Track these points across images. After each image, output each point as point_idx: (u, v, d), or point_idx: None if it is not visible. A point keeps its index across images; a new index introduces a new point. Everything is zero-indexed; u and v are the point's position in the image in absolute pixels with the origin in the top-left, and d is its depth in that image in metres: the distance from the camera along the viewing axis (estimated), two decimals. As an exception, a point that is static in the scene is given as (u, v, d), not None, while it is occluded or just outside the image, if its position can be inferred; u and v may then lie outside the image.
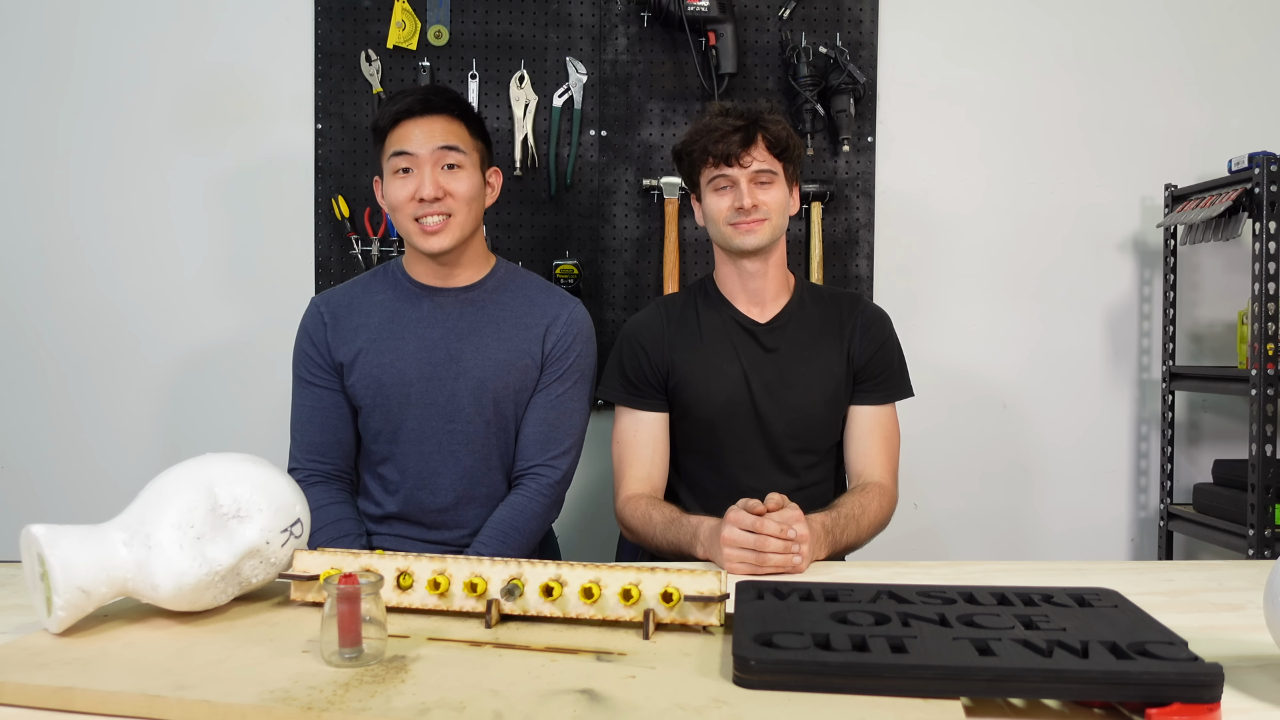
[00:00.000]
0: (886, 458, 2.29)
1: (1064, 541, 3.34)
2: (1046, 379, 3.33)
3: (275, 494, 1.42)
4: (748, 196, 2.19)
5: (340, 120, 3.12)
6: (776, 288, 2.34)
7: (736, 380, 2.28)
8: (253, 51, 3.12)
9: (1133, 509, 3.38)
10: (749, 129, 2.21)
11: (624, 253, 3.18)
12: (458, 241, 2.22)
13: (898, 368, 2.37)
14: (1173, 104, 3.34)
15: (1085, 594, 1.36)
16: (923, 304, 3.28)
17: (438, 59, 3.12)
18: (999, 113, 3.30)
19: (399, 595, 1.37)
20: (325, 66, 3.11)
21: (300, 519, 1.45)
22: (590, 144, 3.17)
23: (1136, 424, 3.36)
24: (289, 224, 3.15)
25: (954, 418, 3.31)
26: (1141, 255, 3.35)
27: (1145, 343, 3.35)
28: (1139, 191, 3.34)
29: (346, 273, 3.11)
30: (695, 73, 3.12)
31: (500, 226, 3.14)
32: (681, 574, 1.32)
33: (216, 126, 3.13)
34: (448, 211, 2.19)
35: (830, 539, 1.94)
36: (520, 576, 1.34)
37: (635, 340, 2.35)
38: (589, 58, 3.15)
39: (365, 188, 3.12)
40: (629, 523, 2.21)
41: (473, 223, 2.25)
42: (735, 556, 1.75)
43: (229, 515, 1.37)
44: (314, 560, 1.42)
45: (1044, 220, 3.32)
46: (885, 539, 2.24)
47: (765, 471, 2.30)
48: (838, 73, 3.10)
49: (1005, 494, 3.35)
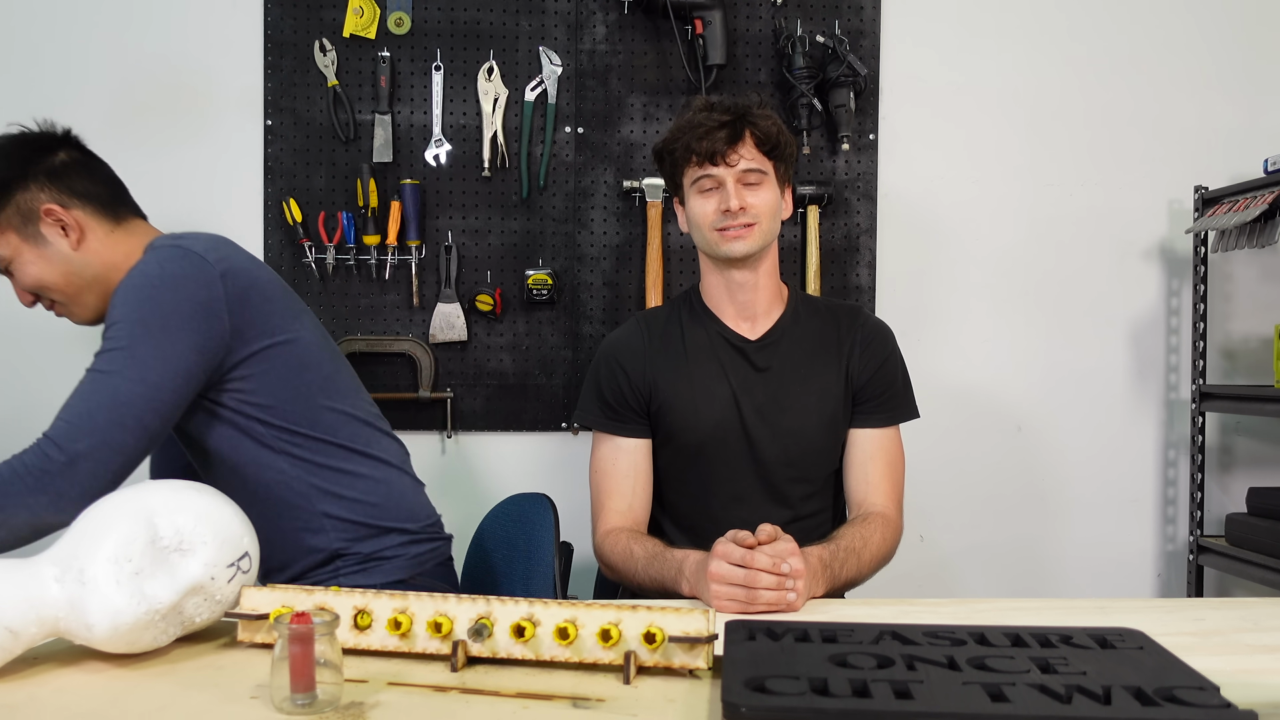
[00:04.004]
0: (890, 485, 2.30)
1: (1084, 577, 3.36)
2: (1065, 399, 3.36)
3: (221, 525, 1.43)
4: (735, 198, 2.19)
5: (292, 116, 3.13)
6: (768, 300, 2.35)
7: (725, 403, 2.29)
8: (195, 41, 3.14)
9: (1159, 541, 3.40)
10: (736, 124, 2.21)
11: (602, 261, 3.20)
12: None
13: (901, 387, 2.38)
14: (1204, 98, 3.37)
15: (1108, 634, 1.36)
16: (929, 317, 3.31)
17: (399, 49, 3.14)
18: (1014, 108, 3.33)
19: (356, 636, 1.38)
20: (275, 57, 3.13)
21: (249, 552, 1.46)
22: (565, 142, 3.19)
23: (1163, 448, 3.39)
24: (235, 230, 3.12)
25: (964, 442, 3.33)
26: (1169, 264, 3.38)
27: (1173, 360, 3.38)
28: (1166, 194, 3.37)
29: (298, 282, 3.12)
30: (680, 64, 3.15)
31: (467, 232, 3.16)
32: (666, 613, 1.33)
33: (155, 123, 3.14)
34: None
35: (828, 574, 1.94)
36: (489, 615, 1.35)
37: (614, 359, 2.35)
38: (564, 48, 3.18)
39: (319, 190, 3.13)
40: (608, 558, 2.21)
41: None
42: (724, 593, 1.76)
43: (170, 548, 1.38)
44: (263, 597, 1.43)
45: (1062, 226, 3.34)
46: (889, 574, 2.24)
47: (757, 502, 2.30)
48: (837, 64, 3.12)
49: (1020, 525, 3.37)
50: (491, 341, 3.20)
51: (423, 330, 3.18)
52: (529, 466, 3.23)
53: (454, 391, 3.20)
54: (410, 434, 3.16)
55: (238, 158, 3.15)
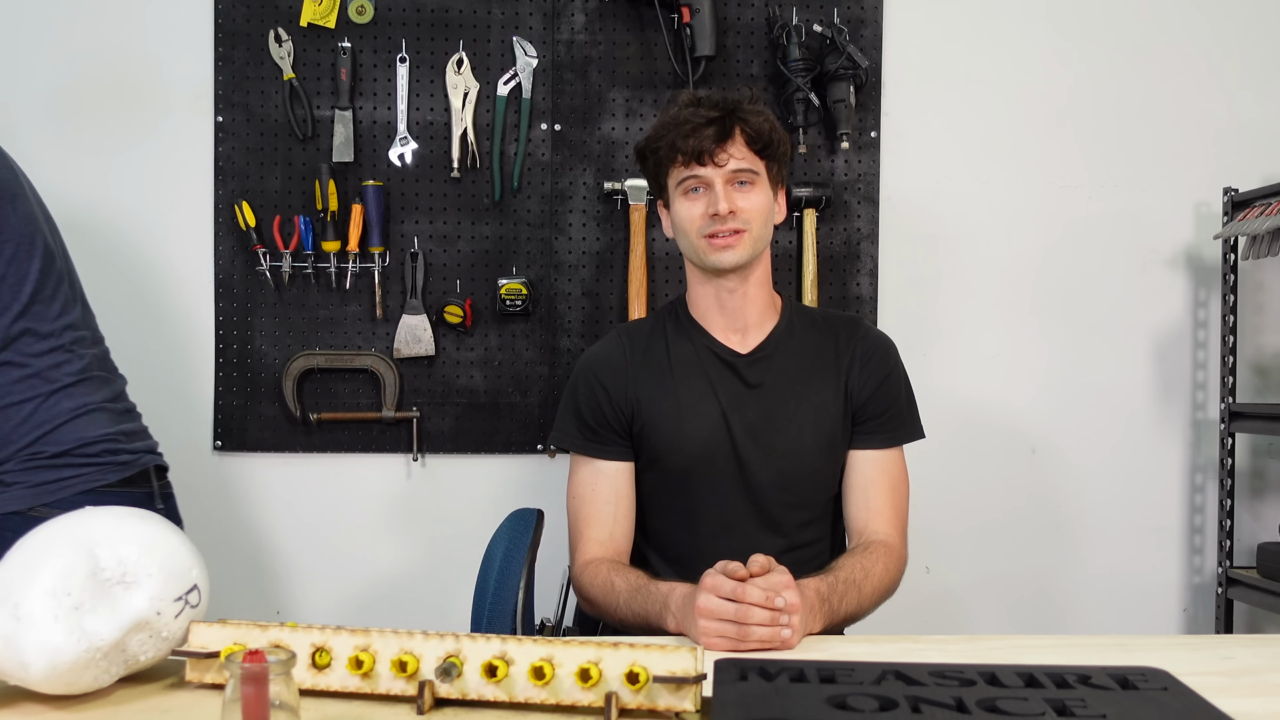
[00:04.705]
0: (893, 512, 2.30)
1: (1104, 612, 3.37)
2: (1083, 419, 3.37)
3: (168, 556, 1.43)
4: (724, 201, 2.19)
5: (244, 112, 3.14)
6: (760, 311, 2.35)
7: (714, 422, 2.29)
8: (138, 30, 3.15)
9: (1185, 573, 3.42)
10: (725, 121, 2.21)
11: (581, 270, 3.22)
12: None
13: (905, 405, 2.38)
14: (1234, 92, 3.39)
15: (1129, 674, 1.37)
16: (935, 329, 3.33)
17: (361, 39, 3.15)
18: (1028, 103, 3.35)
19: (315, 676, 1.39)
20: (227, 49, 3.14)
21: (198, 585, 1.46)
22: (541, 140, 3.21)
23: (1190, 472, 3.41)
24: (183, 236, 3.17)
25: (973, 465, 3.35)
26: (1196, 272, 3.39)
27: (1200, 376, 3.40)
28: (1193, 196, 3.39)
29: (251, 293, 3.13)
30: (666, 55, 3.17)
31: (435, 238, 3.17)
32: (650, 650, 1.33)
33: (93, 121, 3.15)
34: None
35: (826, 608, 1.94)
36: (458, 653, 1.36)
37: (593, 376, 2.35)
38: (540, 38, 3.19)
39: (274, 192, 3.14)
40: (587, 591, 2.21)
41: None
42: (713, 630, 1.76)
43: (113, 580, 1.38)
44: (213, 634, 1.43)
45: (1080, 230, 3.36)
46: (892, 608, 2.24)
47: (749, 530, 2.30)
48: (835, 55, 3.14)
49: (1034, 555, 3.38)
50: (461, 357, 3.21)
51: (386, 344, 3.18)
52: (502, 491, 3.23)
53: (420, 411, 3.20)
54: (373, 457, 3.18)
55: (185, 157, 3.16)
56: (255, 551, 3.24)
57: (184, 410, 3.19)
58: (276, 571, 3.25)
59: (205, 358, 3.19)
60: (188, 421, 3.19)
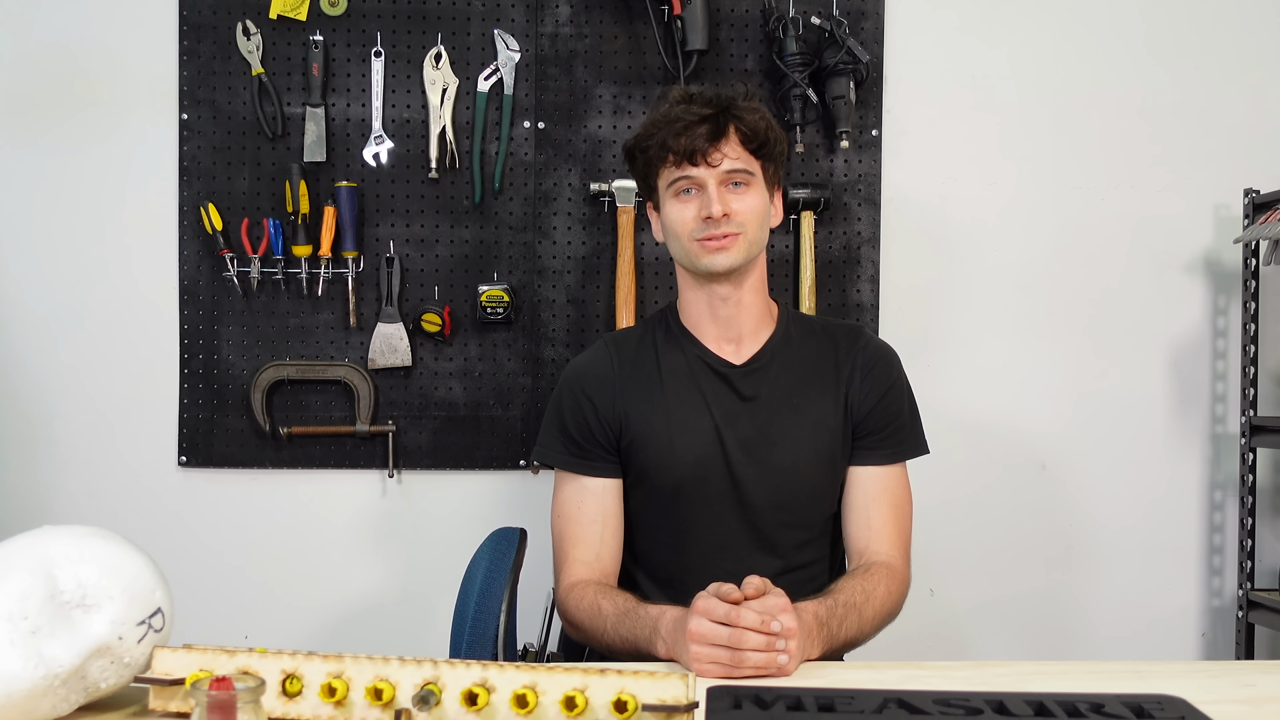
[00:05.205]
0: (895, 531, 2.30)
1: (1118, 636, 3.37)
2: (1095, 434, 3.38)
3: (130, 577, 1.43)
4: (717, 203, 2.19)
5: (211, 109, 3.15)
6: (755, 319, 2.36)
7: (706, 437, 2.30)
8: (98, 22, 3.15)
9: (1204, 596, 3.43)
10: (718, 118, 2.22)
11: (566, 275, 3.22)
12: None
13: (908, 419, 2.39)
14: (1256, 89, 3.39)
15: (1144, 703, 1.37)
16: (940, 339, 3.34)
17: (333, 32, 3.16)
18: (1038, 100, 3.36)
19: (285, 704, 1.39)
20: (192, 42, 3.14)
21: (161, 608, 1.46)
22: (524, 139, 3.21)
23: (1209, 489, 3.42)
24: (145, 240, 3.17)
25: (980, 482, 3.35)
26: (1215, 278, 3.40)
27: (1219, 388, 3.41)
28: (1212, 198, 3.39)
29: (218, 300, 3.13)
30: (656, 49, 3.18)
31: (411, 242, 3.18)
32: (639, 677, 1.34)
33: (51, 119, 3.14)
34: None
35: (825, 633, 1.94)
36: (437, 680, 1.36)
37: (579, 388, 2.36)
38: (522, 30, 3.20)
39: (242, 193, 3.14)
40: (573, 616, 2.21)
41: None
42: (706, 655, 1.76)
43: (72, 603, 1.38)
44: (178, 660, 1.43)
45: (1093, 234, 3.36)
46: (894, 633, 2.25)
47: (743, 551, 2.31)
48: (835, 49, 3.14)
49: (1044, 577, 3.39)
50: (439, 367, 3.21)
51: (361, 355, 3.18)
52: (483, 510, 3.24)
53: (397, 424, 3.21)
54: (346, 473, 3.18)
55: (149, 157, 3.16)
56: (222, 573, 3.23)
57: (147, 424, 3.19)
58: (245, 594, 3.24)
59: (169, 369, 3.18)
60: (151, 436, 3.19)
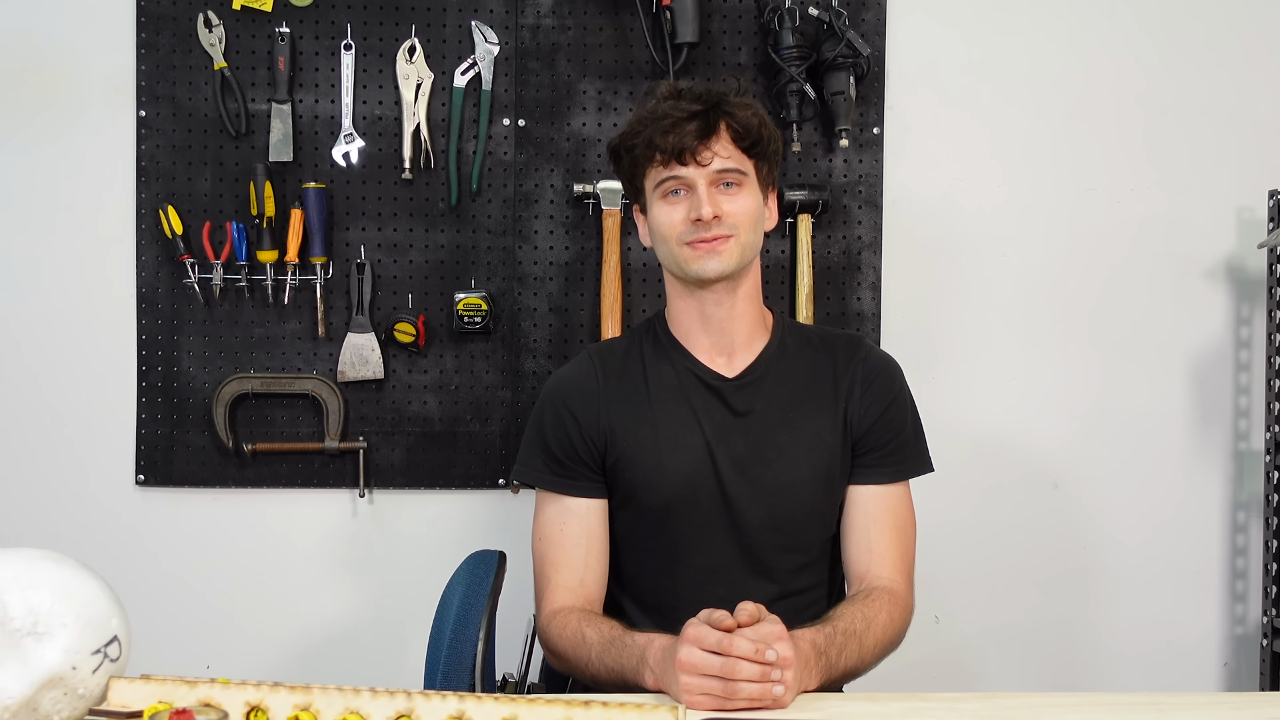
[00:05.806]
0: (898, 554, 2.31)
1: (1134, 666, 3.38)
2: (1111, 450, 3.39)
3: (85, 604, 1.44)
4: (707, 204, 2.19)
5: (171, 106, 3.15)
6: (749, 329, 2.37)
7: (697, 455, 2.31)
8: (49, 12, 3.15)
9: (1226, 623, 3.44)
10: (708, 115, 2.22)
11: (548, 282, 3.23)
12: None
13: (911, 435, 2.40)
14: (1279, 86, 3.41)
15: (1160, 734, 1.39)
16: (945, 350, 3.34)
17: (300, 24, 3.16)
18: (1049, 96, 3.36)
19: (249, 738, 1.40)
20: (150, 34, 3.14)
21: (118, 636, 1.47)
22: (504, 137, 3.22)
23: (1231, 510, 3.43)
24: (101, 245, 3.17)
25: (987, 501, 3.36)
26: (1238, 285, 3.41)
27: (1243, 402, 3.42)
28: (1235, 200, 3.40)
29: (178, 307, 3.13)
30: (644, 42, 3.19)
31: (384, 247, 3.19)
32: (625, 709, 1.35)
33: (1, 114, 3.15)
34: None
35: (824, 662, 1.96)
36: (411, 713, 1.37)
37: (561, 402, 2.36)
38: (502, 22, 3.21)
39: (204, 195, 3.15)
40: (555, 644, 2.22)
41: None
42: (696, 686, 1.77)
43: (23, 631, 1.39)
44: (136, 691, 1.44)
45: (1108, 239, 3.37)
46: (897, 662, 2.26)
47: (736, 576, 2.31)
48: (834, 42, 3.14)
49: (1056, 603, 3.39)
50: (413, 380, 3.22)
51: (330, 366, 3.19)
52: (459, 531, 3.23)
53: (368, 441, 3.21)
54: (315, 492, 3.19)
55: (104, 157, 3.16)
56: (182, 598, 3.22)
57: (102, 440, 3.19)
58: (206, 621, 3.24)
59: (126, 381, 3.18)
60: (107, 452, 3.20)
